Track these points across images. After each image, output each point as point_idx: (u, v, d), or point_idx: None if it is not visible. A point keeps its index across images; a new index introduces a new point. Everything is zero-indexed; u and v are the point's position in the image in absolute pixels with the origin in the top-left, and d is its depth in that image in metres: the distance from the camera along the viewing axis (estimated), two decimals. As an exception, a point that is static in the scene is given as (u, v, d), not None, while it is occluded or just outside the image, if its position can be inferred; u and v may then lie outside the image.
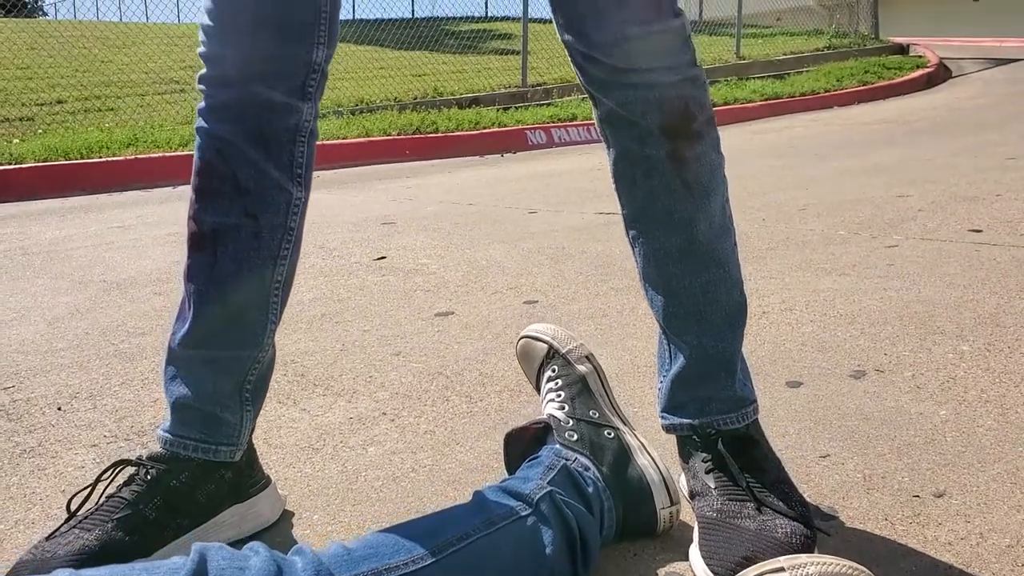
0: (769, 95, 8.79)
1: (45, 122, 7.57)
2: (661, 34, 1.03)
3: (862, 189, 3.74)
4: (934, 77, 10.26)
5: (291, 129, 1.10)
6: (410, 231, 3.39)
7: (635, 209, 1.10)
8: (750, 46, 11.72)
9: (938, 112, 7.47)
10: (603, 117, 1.10)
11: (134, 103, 8.43)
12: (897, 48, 12.24)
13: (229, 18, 1.04)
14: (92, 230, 3.84)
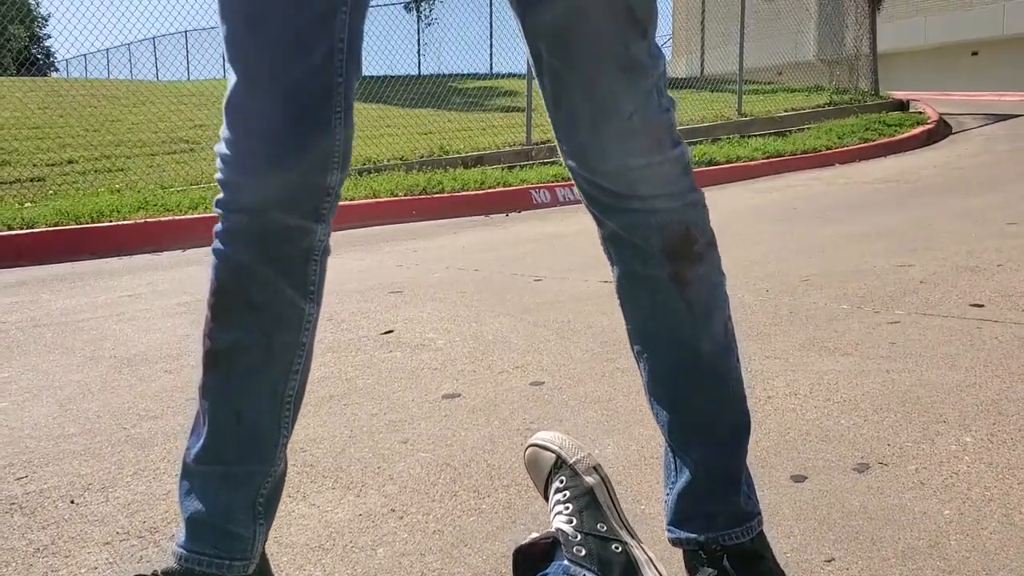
0: (771, 153, 8.87)
1: (56, 183, 7.67)
2: (661, 165, 1.07)
3: (864, 257, 3.78)
4: (934, 133, 10.36)
5: (305, 250, 1.14)
6: (417, 301, 3.43)
7: (638, 326, 1.13)
8: (752, 102, 11.85)
9: (938, 171, 7.54)
10: (607, 236, 1.14)
11: (144, 163, 8.54)
12: (897, 104, 12.37)
13: (246, 149, 1.08)
14: (102, 299, 3.88)
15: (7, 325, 3.41)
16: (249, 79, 1.07)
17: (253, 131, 1.08)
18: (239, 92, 1.08)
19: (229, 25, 1.06)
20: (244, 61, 1.06)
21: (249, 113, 1.08)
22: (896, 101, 12.50)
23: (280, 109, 1.07)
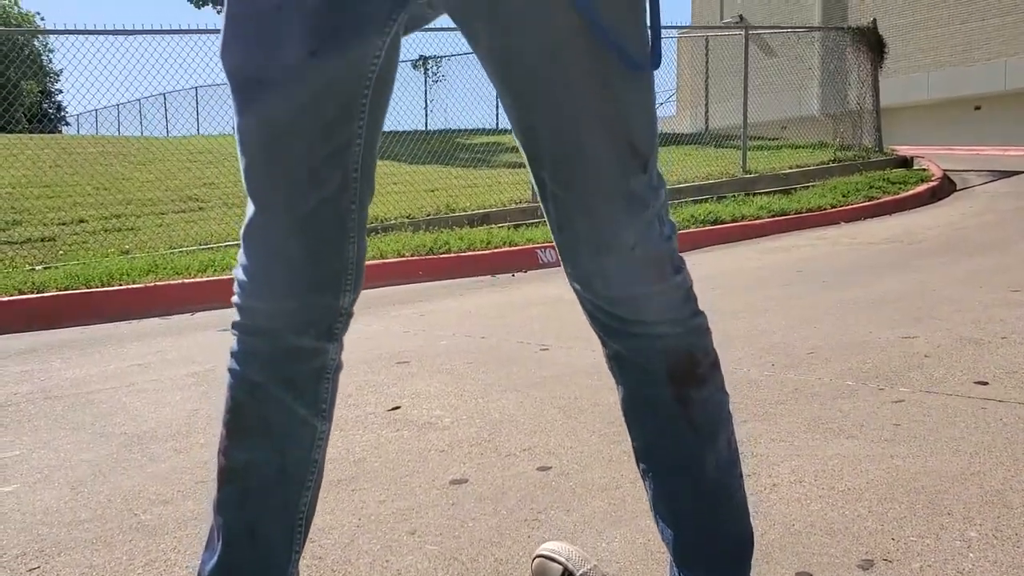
0: (776, 211, 8.94)
1: (67, 243, 7.74)
2: (664, 293, 1.10)
3: (868, 327, 3.80)
4: (939, 191, 10.42)
5: (318, 369, 1.17)
6: (424, 373, 3.45)
7: (643, 445, 1.16)
8: (756, 159, 11.95)
9: (943, 230, 7.58)
10: (611, 356, 1.17)
11: (153, 222, 8.63)
12: (901, 161, 12.45)
13: (262, 275, 1.12)
14: (112, 368, 3.92)
15: (18, 397, 3.44)
16: (265, 210, 1.11)
17: (269, 259, 1.12)
18: (255, 221, 1.12)
19: (247, 159, 1.10)
20: (260, 193, 1.10)
21: (265, 242, 1.12)
22: (900, 158, 12.58)
23: (294, 238, 1.11)
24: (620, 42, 1.04)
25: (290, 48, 1.04)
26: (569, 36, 1.03)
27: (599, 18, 1.03)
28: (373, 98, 1.12)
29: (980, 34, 22.41)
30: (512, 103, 1.09)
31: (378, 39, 1.09)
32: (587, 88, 1.04)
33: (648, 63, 1.08)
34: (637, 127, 1.07)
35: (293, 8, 1.04)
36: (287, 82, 1.06)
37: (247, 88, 1.08)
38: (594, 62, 1.05)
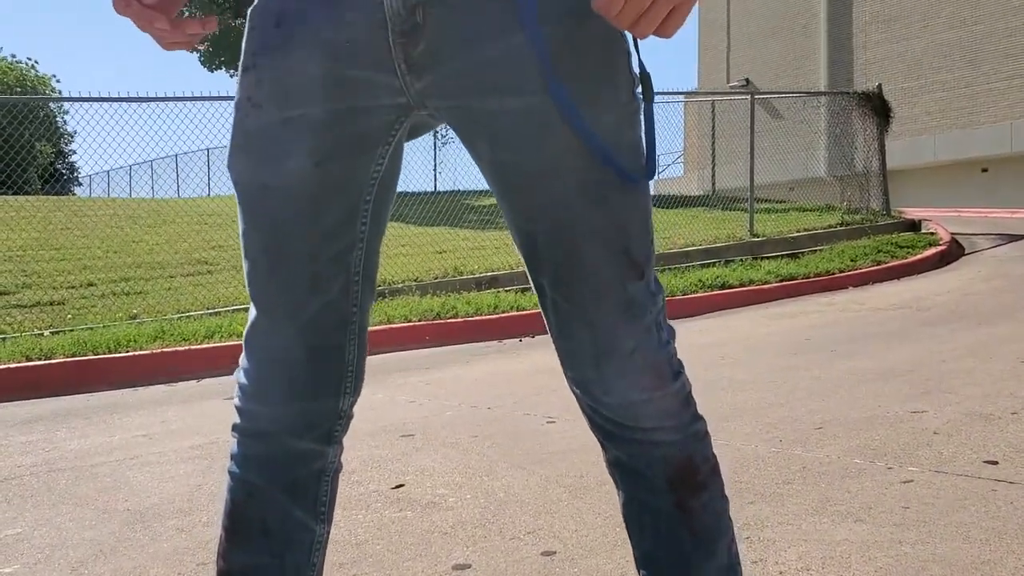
0: (784, 276, 8.94)
1: (75, 307, 7.78)
2: (663, 399, 1.10)
3: (877, 401, 3.77)
4: (947, 255, 10.42)
5: (316, 472, 1.17)
6: (428, 447, 3.43)
7: (644, 552, 1.15)
8: (764, 222, 11.98)
9: (952, 296, 7.56)
10: (611, 461, 1.16)
11: (162, 286, 8.67)
12: (909, 224, 12.47)
13: (264, 379, 1.12)
14: (117, 439, 3.91)
15: (22, 470, 3.43)
16: (267, 314, 1.12)
17: (270, 363, 1.13)
18: (258, 325, 1.13)
19: (250, 263, 1.12)
20: (263, 299, 1.12)
21: (267, 346, 1.12)
22: (908, 221, 12.61)
23: (295, 342, 1.11)
24: (615, 155, 1.07)
25: (296, 159, 1.08)
26: (566, 152, 1.06)
27: (594, 134, 1.05)
28: (375, 202, 1.14)
29: (986, 97, 22.60)
30: (511, 212, 1.10)
31: (381, 148, 1.12)
32: (584, 201, 1.06)
33: (643, 175, 1.09)
34: (634, 236, 1.09)
35: (299, 122, 1.08)
36: (291, 189, 1.09)
37: (252, 194, 1.11)
38: (590, 175, 1.07)
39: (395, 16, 1.05)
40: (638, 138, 1.10)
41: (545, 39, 1.04)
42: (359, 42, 1.06)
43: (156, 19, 1.02)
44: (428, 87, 1.08)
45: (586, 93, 1.06)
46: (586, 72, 1.06)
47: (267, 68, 1.09)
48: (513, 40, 1.04)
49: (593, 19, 1.06)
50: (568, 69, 1.05)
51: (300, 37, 1.08)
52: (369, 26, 1.06)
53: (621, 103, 1.09)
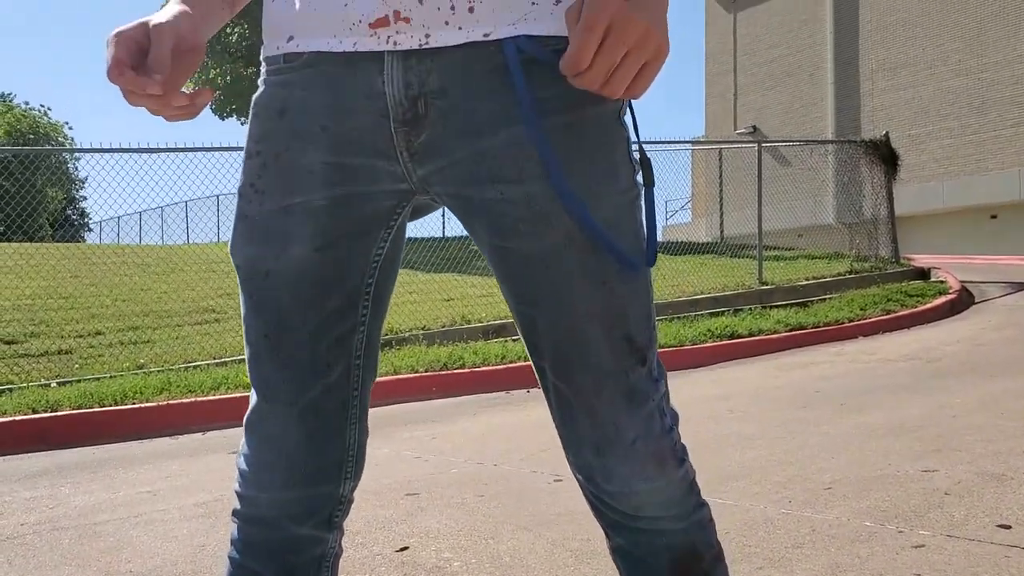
0: (794, 325, 8.91)
1: (83, 356, 7.78)
2: (667, 487, 1.09)
3: (888, 458, 3.73)
4: (957, 304, 10.38)
5: (316, 558, 1.15)
6: (434, 507, 3.40)
7: None
8: (773, 269, 11.97)
9: (962, 346, 7.52)
10: (614, 548, 1.14)
11: (170, 334, 8.67)
12: (918, 272, 12.44)
13: (264, 465, 1.12)
14: (121, 495, 3.88)
15: (25, 528, 3.40)
16: (268, 399, 1.11)
17: (270, 448, 1.12)
18: (258, 410, 1.12)
19: (251, 348, 1.12)
20: (264, 383, 1.11)
21: (267, 432, 1.12)
22: (917, 269, 12.58)
23: (296, 428, 1.11)
24: (615, 242, 1.07)
25: (298, 246, 1.10)
26: (566, 240, 1.06)
27: (594, 221, 1.06)
28: (377, 285, 1.15)
29: (993, 144, 22.66)
30: (512, 297, 1.10)
31: (383, 231, 1.14)
32: (584, 287, 1.06)
33: (643, 261, 1.09)
34: (635, 322, 1.08)
35: (301, 209, 1.09)
36: (293, 275, 1.10)
37: (255, 280, 1.12)
38: (591, 262, 1.07)
39: (397, 106, 1.06)
40: (639, 224, 1.11)
41: (545, 130, 1.05)
42: (362, 131, 1.08)
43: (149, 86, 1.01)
44: (430, 175, 1.09)
45: (586, 181, 1.07)
46: (586, 160, 1.07)
47: (270, 155, 1.11)
48: (513, 131, 1.06)
49: (591, 108, 1.08)
50: (568, 158, 1.06)
51: (303, 126, 1.09)
52: (372, 116, 1.07)
53: (621, 190, 1.09)
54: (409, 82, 1.06)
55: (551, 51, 1.06)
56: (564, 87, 1.05)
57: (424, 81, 1.06)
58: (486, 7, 1.04)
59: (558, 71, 1.05)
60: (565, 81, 1.05)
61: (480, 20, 1.04)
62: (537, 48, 1.05)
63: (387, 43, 1.05)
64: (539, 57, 1.05)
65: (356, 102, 1.07)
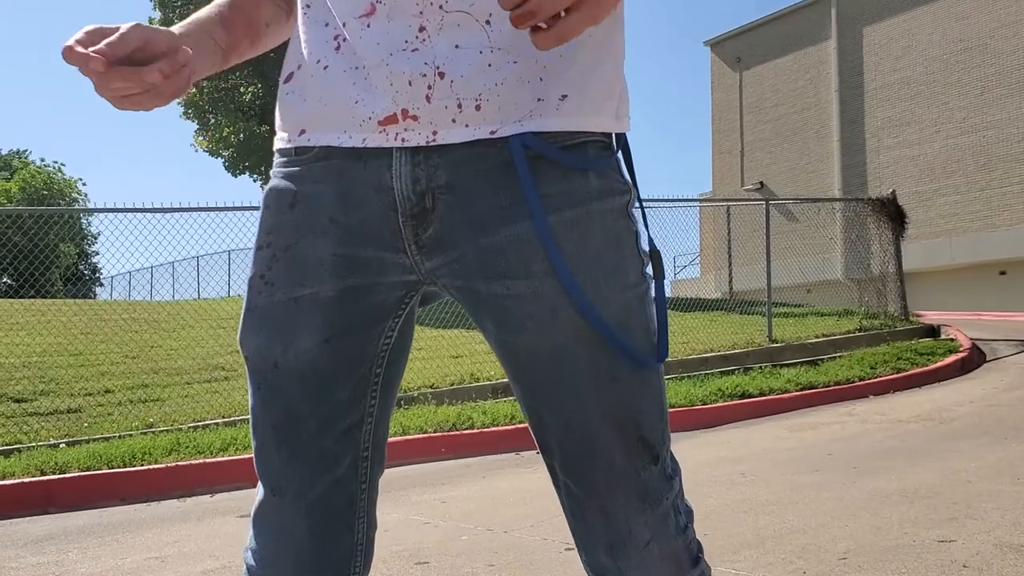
0: (804, 384, 8.86)
1: (92, 415, 7.77)
2: None
3: (903, 526, 3.69)
4: (968, 362, 10.33)
5: None
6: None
7: None
8: (782, 326, 11.94)
9: (975, 407, 7.46)
10: None
11: (179, 392, 8.67)
12: (928, 330, 12.40)
13: (274, 562, 1.12)
14: (128, 562, 3.85)
15: (30, 597, 3.37)
16: (276, 492, 1.11)
17: (278, 543, 1.11)
18: (266, 504, 1.12)
19: (258, 440, 1.12)
20: (271, 476, 1.11)
21: (274, 526, 1.11)
22: (927, 326, 12.53)
23: (304, 522, 1.10)
24: (625, 338, 1.07)
25: (306, 338, 1.10)
26: (574, 336, 1.06)
27: (602, 318, 1.06)
28: (386, 375, 1.16)
29: (1000, 200, 22.71)
30: (520, 393, 1.11)
31: (391, 321, 1.15)
32: (593, 385, 1.06)
33: (654, 358, 1.09)
34: (646, 419, 1.08)
35: (309, 301, 1.10)
36: (301, 367, 1.11)
37: (263, 372, 1.13)
38: (600, 359, 1.07)
39: (405, 200, 1.08)
40: (649, 318, 1.11)
41: (551, 226, 1.06)
42: (370, 223, 1.10)
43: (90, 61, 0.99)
44: (438, 267, 1.11)
45: (594, 276, 1.07)
46: (593, 256, 1.08)
47: (280, 248, 1.13)
48: (520, 227, 1.07)
49: (597, 204, 1.09)
50: (574, 253, 1.07)
51: (313, 218, 1.11)
52: (380, 209, 1.09)
53: (630, 284, 1.10)
54: (417, 177, 1.08)
55: (557, 148, 1.08)
56: (570, 184, 1.07)
57: (432, 176, 1.08)
58: (492, 105, 1.06)
59: (564, 168, 1.07)
60: (572, 178, 1.07)
61: (487, 118, 1.06)
62: (543, 145, 1.07)
63: (395, 140, 1.07)
64: (545, 154, 1.07)
65: (365, 195, 1.09)
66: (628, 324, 1.08)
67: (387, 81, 1.06)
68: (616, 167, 1.14)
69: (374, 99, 1.07)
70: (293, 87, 1.15)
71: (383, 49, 1.06)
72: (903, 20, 24.89)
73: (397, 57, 1.05)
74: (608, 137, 1.14)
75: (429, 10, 1.05)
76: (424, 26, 1.05)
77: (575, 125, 1.09)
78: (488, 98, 1.05)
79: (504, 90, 1.05)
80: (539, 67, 1.07)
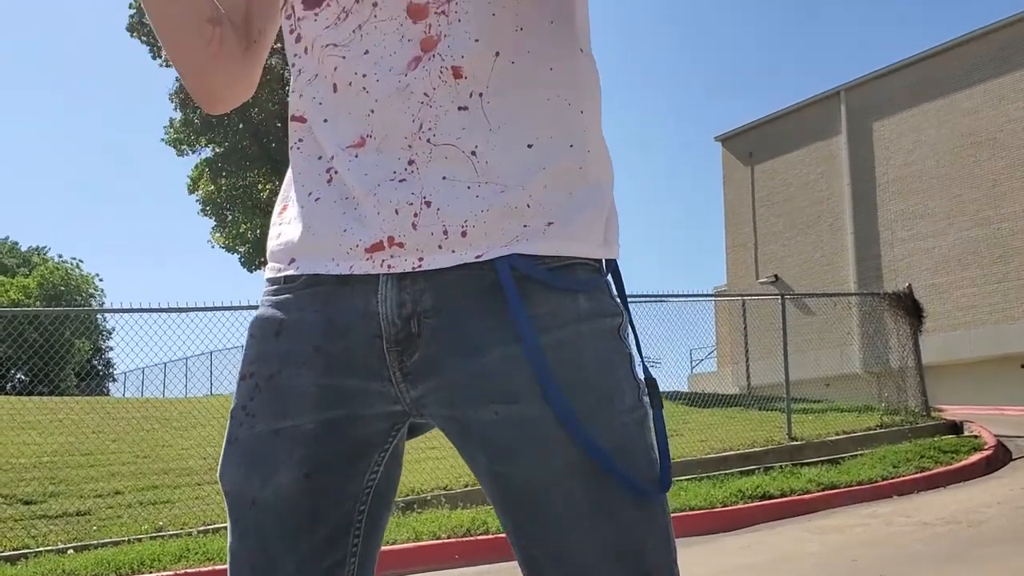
0: (826, 484, 8.68)
1: (101, 517, 7.67)
2: None
3: (938, 645, 3.54)
4: (993, 461, 10.11)
5: None
6: None
7: None
8: (801, 423, 11.77)
9: (1003, 509, 7.27)
10: None
11: (189, 494, 8.56)
12: (950, 426, 12.19)
13: None
14: None
15: None
16: None
17: None
18: None
19: None
20: None
21: None
22: (949, 423, 12.32)
23: None
24: (623, 466, 1.02)
25: (285, 473, 1.07)
26: (569, 465, 1.01)
27: (598, 445, 1.01)
28: (370, 513, 1.12)
29: (1017, 292, 22.60)
30: (512, 530, 1.06)
31: (376, 455, 1.11)
32: (592, 519, 1.01)
33: (657, 487, 1.03)
34: (652, 554, 1.02)
35: (290, 433, 1.08)
36: (280, 504, 1.07)
37: (241, 507, 1.09)
38: (598, 489, 1.02)
39: (390, 326, 1.06)
40: (649, 445, 1.06)
41: (542, 348, 1.02)
42: (354, 351, 1.08)
43: None
44: (423, 396, 1.07)
45: (588, 400, 1.03)
46: (586, 379, 1.04)
47: (263, 377, 1.10)
48: (509, 350, 1.04)
49: (587, 324, 1.06)
50: (567, 377, 1.03)
51: (297, 346, 1.09)
52: (365, 336, 1.07)
53: (626, 409, 1.05)
54: (403, 301, 1.06)
55: (545, 269, 1.06)
56: (560, 304, 1.05)
57: (418, 300, 1.06)
58: (479, 231, 1.04)
59: (553, 289, 1.05)
60: (560, 298, 1.05)
61: (473, 243, 1.05)
62: (530, 266, 1.05)
63: (382, 266, 1.06)
64: (532, 275, 1.05)
65: (350, 322, 1.08)
66: (628, 449, 1.03)
67: (375, 210, 1.06)
68: (606, 289, 1.12)
69: (362, 227, 1.07)
70: (285, 218, 1.16)
71: (371, 180, 1.06)
72: (911, 115, 25.17)
73: (385, 187, 1.06)
74: (598, 261, 1.12)
75: (418, 144, 1.06)
76: (413, 159, 1.06)
77: (562, 250, 1.07)
78: (475, 224, 1.04)
79: (491, 217, 1.04)
80: (525, 195, 1.06)
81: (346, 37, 1.09)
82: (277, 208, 1.19)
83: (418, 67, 1.06)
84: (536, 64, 1.09)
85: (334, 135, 1.10)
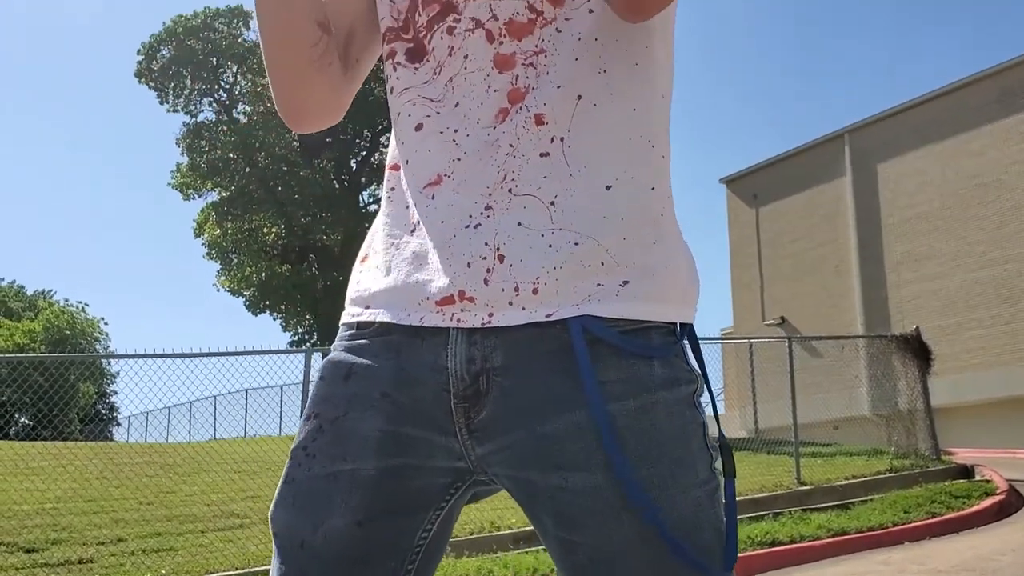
0: (836, 531, 8.57)
1: (104, 565, 7.58)
2: None
3: None
4: (1006, 506, 9.99)
5: None
6: None
7: None
8: (810, 467, 11.66)
9: (1018, 556, 7.16)
10: None
11: (193, 541, 8.47)
12: (961, 470, 12.07)
13: None
14: None
15: None
16: None
17: None
18: None
19: None
20: None
21: None
22: (960, 467, 12.20)
23: None
24: (689, 543, 1.00)
25: (339, 517, 1.05)
26: (636, 539, 0.99)
27: (661, 520, 0.99)
28: (418, 569, 1.09)
29: (1026, 334, 22.48)
30: None
31: (432, 512, 1.08)
32: None
33: (722, 566, 1.00)
34: None
35: (348, 477, 1.06)
36: (329, 550, 1.05)
37: (289, 550, 1.07)
38: (664, 566, 1.00)
39: (459, 381, 1.05)
40: (718, 519, 1.04)
41: (611, 416, 1.00)
42: (423, 402, 1.06)
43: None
44: (489, 454, 1.05)
45: (656, 473, 1.01)
46: (656, 450, 1.02)
47: (327, 419, 1.09)
48: (577, 415, 1.01)
49: (662, 393, 1.03)
50: (635, 448, 1.01)
51: (365, 391, 1.08)
52: (433, 388, 1.06)
53: (700, 481, 1.03)
54: (472, 357, 1.05)
55: (618, 333, 1.03)
56: (633, 371, 1.02)
57: (488, 357, 1.05)
58: (550, 289, 1.03)
59: (626, 354, 1.02)
60: (633, 364, 1.02)
61: (543, 301, 1.03)
62: (603, 329, 1.02)
63: (452, 320, 1.05)
64: (605, 338, 1.02)
65: (420, 374, 1.07)
66: (696, 525, 1.01)
67: (447, 262, 1.06)
68: (682, 354, 1.09)
69: (434, 280, 1.06)
70: (367, 266, 1.17)
71: (447, 229, 1.07)
72: (916, 157, 25.22)
73: (460, 236, 1.06)
74: (673, 323, 1.09)
75: (498, 192, 1.06)
76: (491, 205, 1.05)
77: (637, 313, 1.05)
78: (546, 281, 1.03)
79: (563, 274, 1.03)
80: (601, 249, 1.04)
81: (440, 92, 1.10)
82: (359, 257, 1.19)
83: (506, 120, 1.06)
84: (619, 105, 1.08)
85: (414, 177, 1.11)
